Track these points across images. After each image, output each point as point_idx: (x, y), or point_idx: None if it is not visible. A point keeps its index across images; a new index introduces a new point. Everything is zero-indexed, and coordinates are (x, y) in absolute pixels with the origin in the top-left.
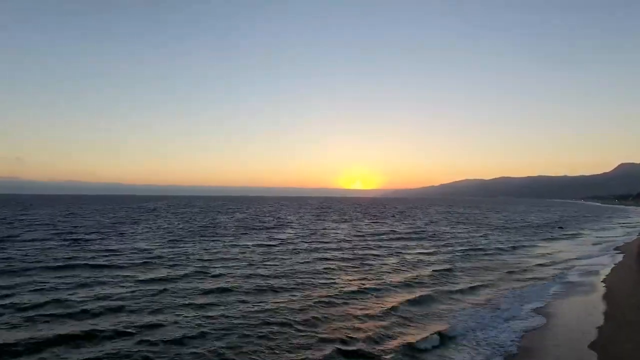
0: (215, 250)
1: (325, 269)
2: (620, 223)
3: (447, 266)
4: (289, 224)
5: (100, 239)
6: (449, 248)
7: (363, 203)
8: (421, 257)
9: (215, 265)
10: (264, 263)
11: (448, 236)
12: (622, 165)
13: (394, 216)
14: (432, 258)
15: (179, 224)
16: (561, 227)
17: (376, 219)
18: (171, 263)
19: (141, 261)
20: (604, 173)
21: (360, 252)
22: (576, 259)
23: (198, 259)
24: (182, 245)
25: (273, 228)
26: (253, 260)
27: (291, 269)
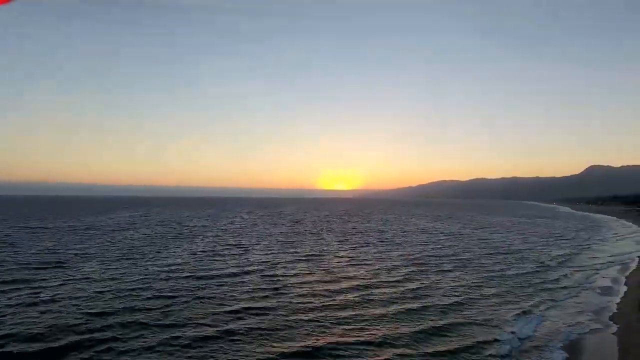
0: None
1: None
2: (609, 257)
3: None
4: (248, 266)
5: None
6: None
7: (341, 210)
8: None
9: None
10: None
11: (438, 309)
12: (591, 167)
13: (375, 244)
14: None
15: (101, 273)
16: (547, 266)
17: (354, 249)
18: None
19: None
20: (574, 175)
21: None
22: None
23: None
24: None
25: (225, 285)
26: None
27: None
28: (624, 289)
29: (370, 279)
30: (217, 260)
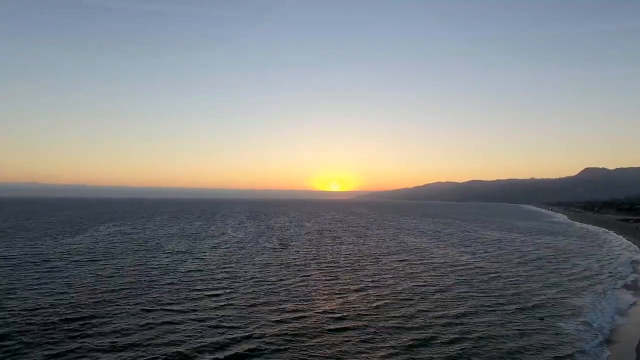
0: None
1: None
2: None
3: None
4: (209, 352)
5: None
6: None
7: (336, 220)
8: None
9: None
10: None
11: None
12: (586, 169)
13: (368, 292)
14: None
15: None
16: (542, 319)
17: (343, 302)
18: None
19: None
20: (569, 177)
21: None
22: None
23: None
24: None
25: None
26: None
27: None
28: None
29: None
30: (175, 334)
